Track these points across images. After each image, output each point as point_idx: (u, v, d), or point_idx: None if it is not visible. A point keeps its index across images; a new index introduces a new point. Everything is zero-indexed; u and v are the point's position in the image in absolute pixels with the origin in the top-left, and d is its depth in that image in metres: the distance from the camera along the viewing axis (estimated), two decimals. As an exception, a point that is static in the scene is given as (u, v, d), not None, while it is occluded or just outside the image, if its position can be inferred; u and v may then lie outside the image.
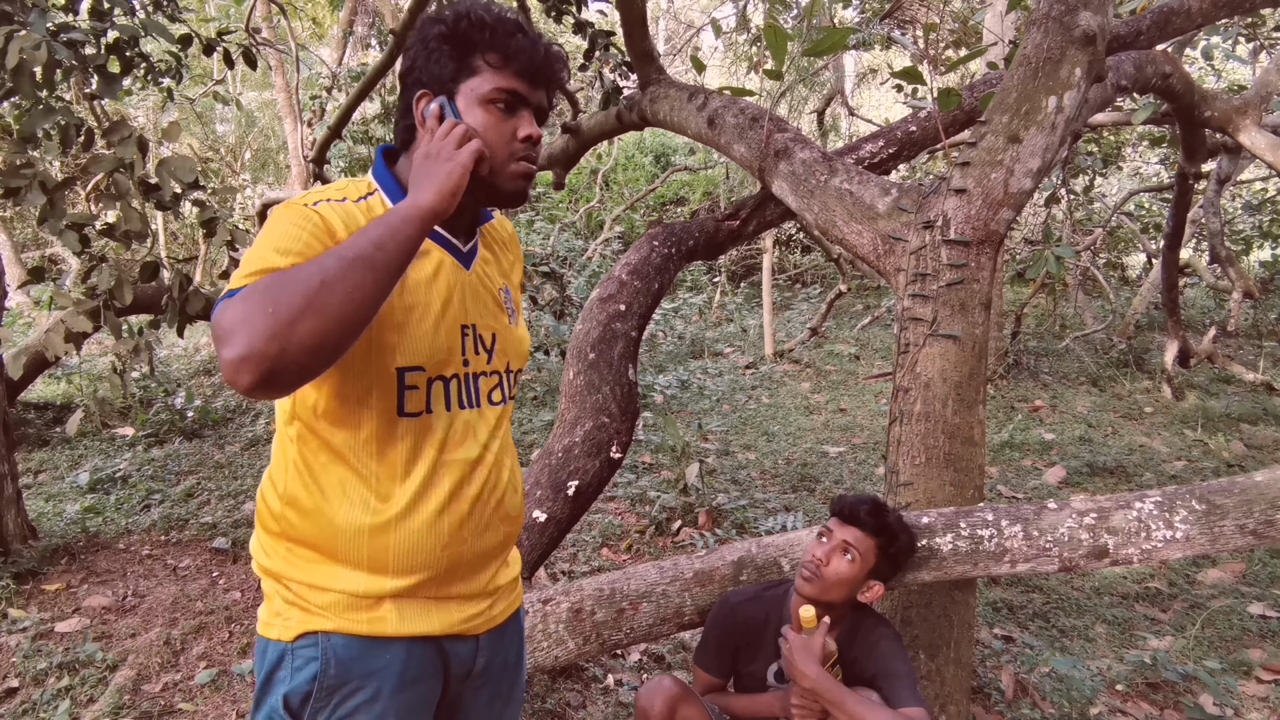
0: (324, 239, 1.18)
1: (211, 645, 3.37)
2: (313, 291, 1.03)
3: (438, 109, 1.28)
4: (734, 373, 8.83)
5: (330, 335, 1.04)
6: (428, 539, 1.29)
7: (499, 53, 1.28)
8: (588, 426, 3.09)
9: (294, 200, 1.24)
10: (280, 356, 1.00)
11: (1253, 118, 4.43)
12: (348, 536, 1.27)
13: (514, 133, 1.30)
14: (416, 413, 1.28)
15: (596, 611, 2.49)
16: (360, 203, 1.29)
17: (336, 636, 1.27)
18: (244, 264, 1.14)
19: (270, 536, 1.33)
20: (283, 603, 1.30)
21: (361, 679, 1.27)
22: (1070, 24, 2.54)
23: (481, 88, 1.29)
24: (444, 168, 1.20)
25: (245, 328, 1.00)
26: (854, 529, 2.09)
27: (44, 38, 2.83)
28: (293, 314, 1.01)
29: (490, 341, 1.39)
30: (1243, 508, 2.07)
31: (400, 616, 1.29)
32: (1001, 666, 3.24)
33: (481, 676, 1.42)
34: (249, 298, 1.03)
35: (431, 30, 1.30)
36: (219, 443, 6.21)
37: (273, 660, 1.29)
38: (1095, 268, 10.20)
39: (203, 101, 11.82)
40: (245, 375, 1.00)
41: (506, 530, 1.42)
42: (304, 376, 1.06)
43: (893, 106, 15.57)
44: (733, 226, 3.81)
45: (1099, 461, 5.84)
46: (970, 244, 2.54)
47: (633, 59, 4.05)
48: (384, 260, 1.09)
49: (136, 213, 3.25)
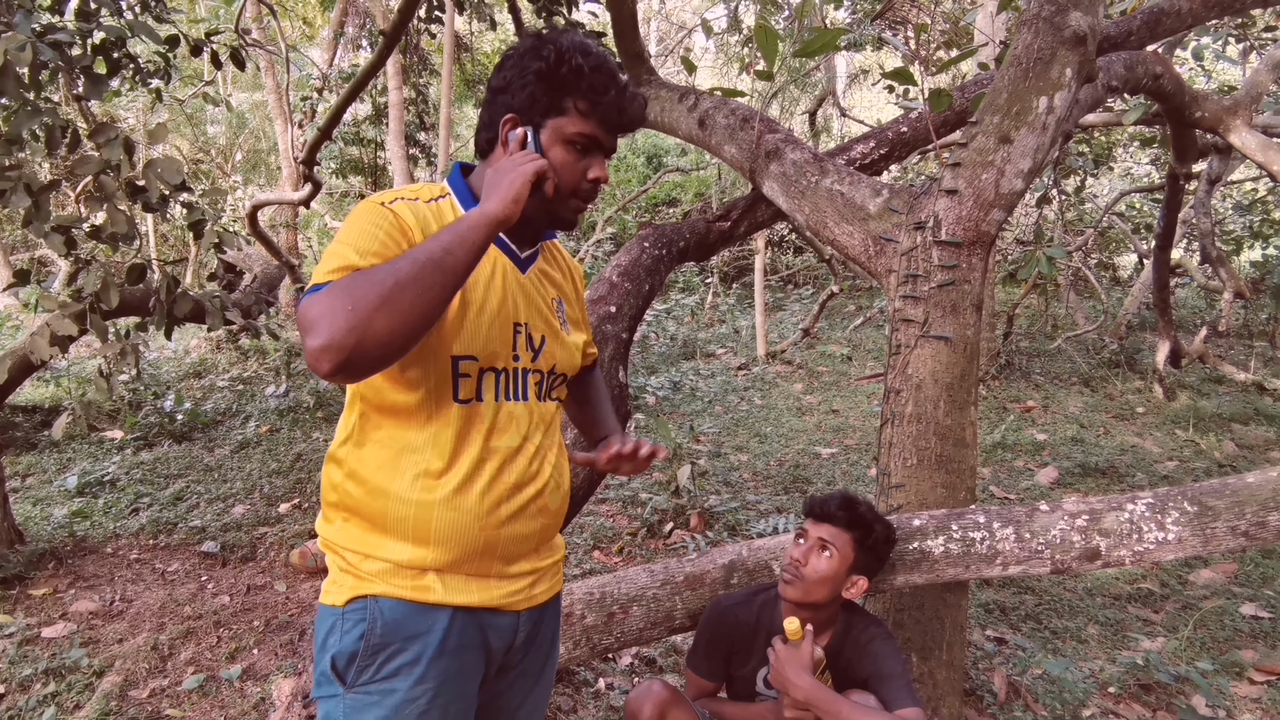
0: (398, 237, 1.29)
1: (200, 650, 3.34)
2: (388, 290, 1.15)
3: (522, 135, 1.38)
4: (726, 374, 8.82)
5: (403, 329, 1.16)
6: (466, 517, 1.36)
7: (589, 102, 1.39)
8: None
9: (373, 198, 1.36)
10: (358, 347, 1.13)
11: (1243, 118, 4.43)
12: (397, 509, 1.35)
13: (585, 172, 1.43)
14: (468, 399, 1.38)
15: (587, 615, 2.48)
16: (432, 204, 1.40)
17: (385, 600, 1.34)
18: (327, 259, 1.26)
19: (330, 508, 1.42)
20: (338, 570, 1.39)
21: (405, 641, 1.34)
22: (1061, 25, 2.53)
23: (566, 128, 1.40)
24: (508, 179, 1.30)
25: (328, 321, 1.13)
26: (827, 525, 2.08)
27: (30, 38, 2.81)
28: (370, 310, 1.14)
29: (539, 342, 1.48)
30: (1235, 509, 2.07)
31: (444, 586, 1.37)
32: (994, 668, 3.23)
33: (519, 652, 1.49)
34: (332, 293, 1.16)
35: (531, 64, 1.38)
36: (208, 446, 6.17)
37: (327, 626, 1.37)
38: (1087, 268, 10.22)
39: (193, 103, 11.77)
40: (326, 362, 1.13)
41: (545, 522, 1.49)
42: (379, 365, 1.19)
43: (884, 107, 15.58)
44: (724, 228, 3.79)
45: (1091, 462, 5.85)
46: (962, 245, 2.54)
47: (623, 60, 4.04)
48: (452, 264, 1.21)
49: (123, 215, 3.23)
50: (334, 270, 1.23)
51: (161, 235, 13.52)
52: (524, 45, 1.41)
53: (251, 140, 15.09)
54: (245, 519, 4.70)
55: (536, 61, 1.38)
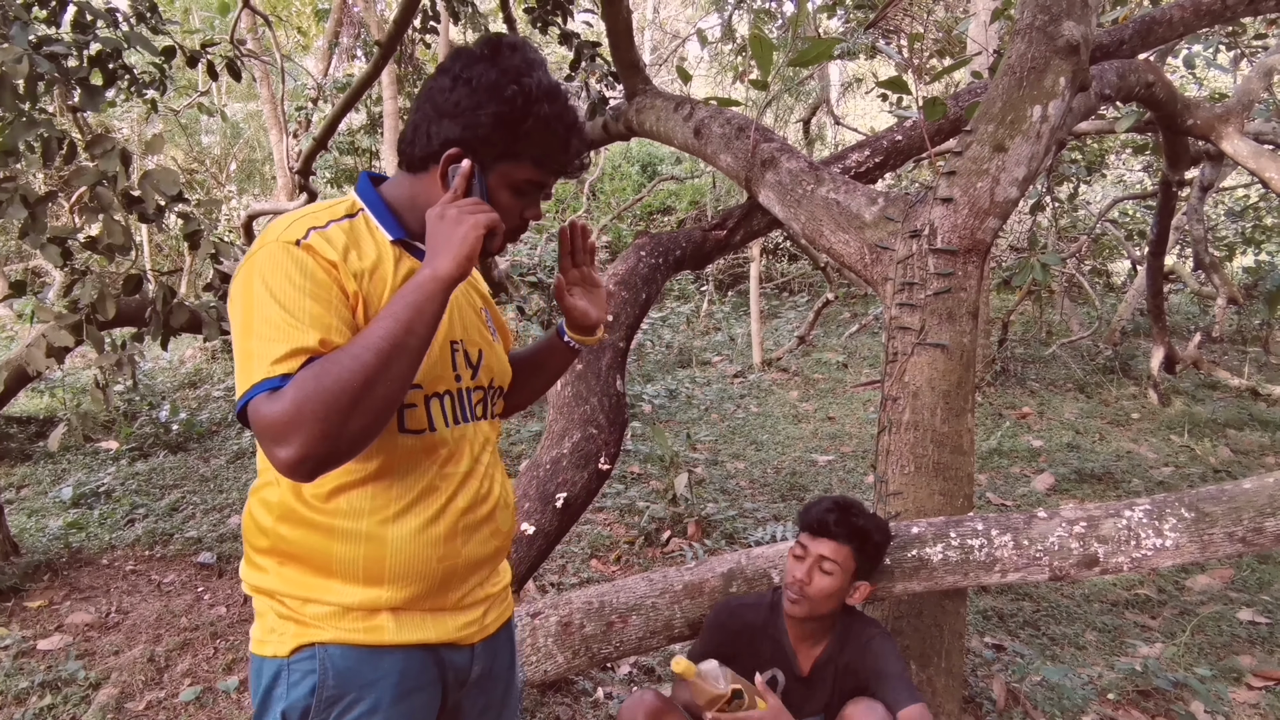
0: (328, 284, 1.19)
1: (196, 662, 3.33)
2: (357, 390, 1.09)
3: (469, 170, 1.26)
4: (722, 382, 8.82)
5: (377, 423, 1.14)
6: (423, 551, 1.29)
7: (547, 154, 1.30)
8: (576, 438, 3.08)
9: (278, 237, 1.21)
10: (334, 452, 1.10)
11: (1235, 125, 4.45)
12: (344, 550, 1.26)
13: (521, 212, 1.34)
14: (419, 430, 1.30)
15: (585, 625, 2.48)
16: (345, 222, 1.28)
17: (334, 647, 1.26)
18: (258, 330, 1.14)
19: (261, 554, 1.31)
20: (276, 618, 1.29)
21: (360, 689, 1.26)
22: (1054, 34, 2.55)
23: (516, 174, 1.30)
24: (459, 232, 1.19)
25: (300, 433, 1.07)
26: (827, 541, 2.07)
27: (26, 50, 2.81)
28: (343, 416, 1.08)
29: (477, 358, 1.41)
30: (1232, 515, 2.07)
31: (398, 625, 1.29)
32: (993, 675, 3.23)
33: (476, 686, 1.43)
34: (296, 398, 1.08)
35: (491, 106, 1.24)
36: (204, 456, 6.16)
37: (269, 678, 1.27)
38: (1081, 275, 10.25)
39: (188, 113, 11.76)
40: (303, 474, 1.11)
41: (497, 545, 1.43)
42: (355, 456, 1.16)
43: (878, 116, 15.65)
44: (720, 236, 3.80)
45: (1087, 468, 5.86)
46: (957, 252, 2.55)
47: (619, 69, 4.05)
48: (416, 343, 1.15)
49: (119, 226, 3.22)
50: (281, 358, 1.11)
51: (157, 246, 13.51)
52: (481, 72, 1.25)
53: (246, 150, 15.10)
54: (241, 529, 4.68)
55: (499, 105, 1.24)
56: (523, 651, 2.47)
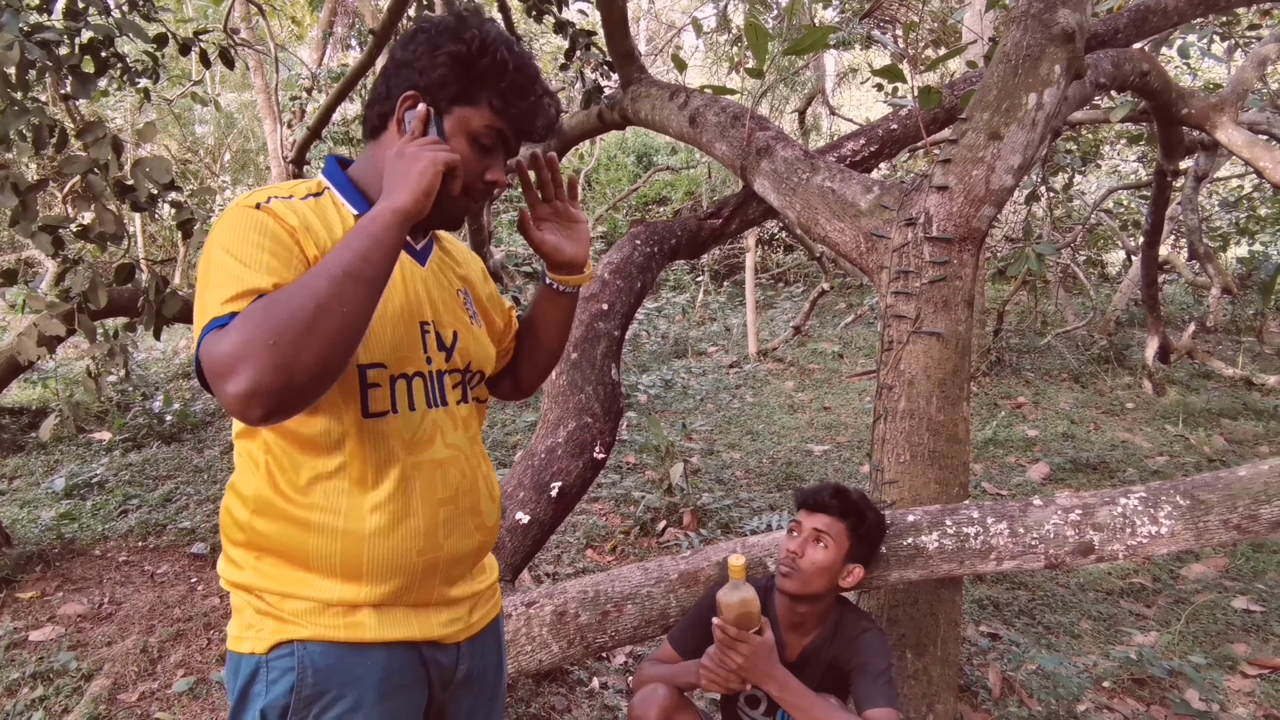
0: (287, 242, 1.16)
1: (189, 653, 3.32)
2: (309, 317, 1.02)
3: (425, 114, 1.23)
4: (718, 372, 8.82)
5: (333, 356, 1.05)
6: (402, 544, 1.25)
7: (505, 100, 1.27)
8: (571, 427, 3.07)
9: (242, 201, 1.20)
10: (289, 386, 1.01)
11: (1229, 115, 4.45)
12: (320, 544, 1.22)
13: (483, 173, 1.30)
14: (382, 413, 1.25)
15: (580, 614, 2.47)
16: (310, 200, 1.26)
17: (313, 644, 1.22)
18: (215, 283, 1.10)
19: (237, 548, 1.28)
20: (254, 614, 1.25)
21: (341, 687, 1.22)
22: (1049, 21, 2.54)
23: (473, 121, 1.27)
24: (416, 168, 1.16)
25: (247, 362, 1.00)
26: (821, 515, 2.07)
27: (17, 38, 2.78)
28: (294, 342, 1.01)
29: (451, 340, 1.37)
30: (1227, 502, 2.07)
31: (379, 622, 1.25)
32: (988, 664, 3.23)
33: (463, 686, 1.39)
34: (243, 327, 1.02)
35: (448, 45, 1.24)
36: (198, 446, 6.14)
37: (246, 675, 1.24)
38: (1075, 265, 10.27)
39: (181, 102, 11.71)
40: (256, 409, 1.01)
41: (482, 539, 1.39)
42: (312, 398, 1.07)
43: (873, 105, 15.61)
44: (715, 225, 3.79)
45: (1082, 457, 5.87)
46: (952, 241, 2.54)
47: (614, 58, 4.03)
48: (371, 272, 1.09)
49: (112, 214, 3.20)
50: (232, 298, 1.07)
51: (150, 235, 13.45)
52: (441, 22, 1.26)
53: (240, 140, 15.02)
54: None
55: (456, 44, 1.23)
56: (517, 641, 2.47)
